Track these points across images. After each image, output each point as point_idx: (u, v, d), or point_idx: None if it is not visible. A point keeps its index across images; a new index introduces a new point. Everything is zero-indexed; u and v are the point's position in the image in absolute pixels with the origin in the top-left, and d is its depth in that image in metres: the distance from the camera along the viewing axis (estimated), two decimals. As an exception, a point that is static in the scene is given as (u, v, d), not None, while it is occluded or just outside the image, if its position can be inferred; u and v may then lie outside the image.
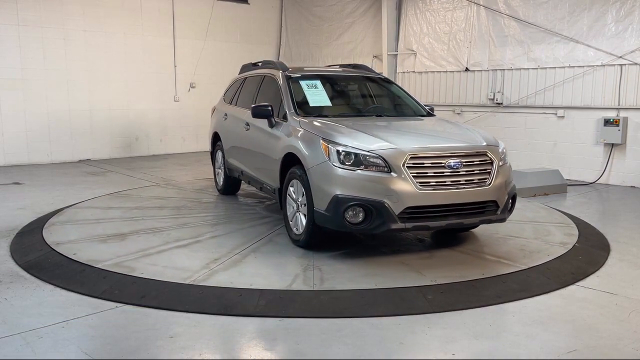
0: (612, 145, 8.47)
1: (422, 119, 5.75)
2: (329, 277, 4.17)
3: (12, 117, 9.92)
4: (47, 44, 10.19)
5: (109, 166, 10.06)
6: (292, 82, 5.69)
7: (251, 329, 3.38)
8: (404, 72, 11.36)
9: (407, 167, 4.29)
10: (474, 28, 10.04)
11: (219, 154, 7.30)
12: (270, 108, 5.36)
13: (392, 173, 4.27)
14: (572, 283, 4.17)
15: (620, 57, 8.27)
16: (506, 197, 4.65)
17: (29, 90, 10.06)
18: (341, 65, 7.02)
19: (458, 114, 10.27)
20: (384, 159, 4.30)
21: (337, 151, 4.40)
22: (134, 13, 11.24)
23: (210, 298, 3.78)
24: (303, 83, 5.72)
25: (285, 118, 5.29)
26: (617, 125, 8.28)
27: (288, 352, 3.09)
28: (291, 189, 4.95)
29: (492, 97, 9.84)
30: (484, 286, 4.05)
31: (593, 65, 8.59)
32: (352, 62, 11.90)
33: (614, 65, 8.37)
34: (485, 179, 4.52)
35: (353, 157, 4.35)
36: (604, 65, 8.48)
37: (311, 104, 5.48)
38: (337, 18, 12.46)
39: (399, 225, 4.28)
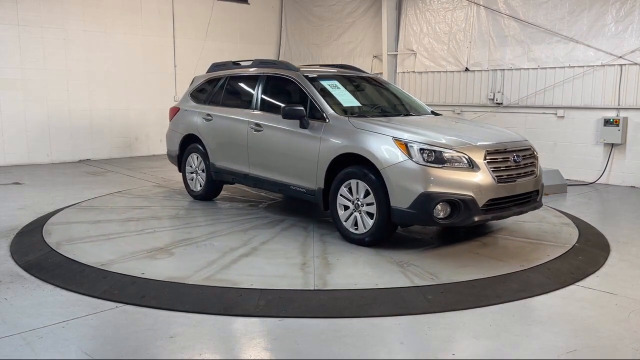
0: (612, 145, 8.48)
1: (438, 117, 6.06)
2: (436, 272, 4.29)
3: (12, 117, 9.92)
4: (47, 44, 10.19)
5: (109, 166, 10.06)
6: (313, 82, 5.67)
7: (251, 329, 3.38)
8: (404, 72, 11.36)
9: (486, 162, 4.61)
10: (473, 28, 10.04)
11: (194, 158, 6.93)
12: (303, 108, 5.33)
13: (474, 168, 4.54)
14: (572, 283, 4.17)
15: (620, 57, 8.27)
16: (542, 187, 5.24)
17: (29, 90, 10.06)
18: (322, 65, 6.95)
19: (458, 113, 10.27)
20: (467, 155, 4.56)
21: (421, 149, 4.55)
22: (134, 13, 11.25)
23: (210, 298, 3.78)
24: (325, 83, 5.73)
25: (321, 118, 5.28)
26: (617, 125, 8.28)
27: (288, 352, 3.09)
28: (344, 189, 4.98)
29: (492, 97, 9.84)
30: (484, 286, 4.05)
31: (593, 65, 8.59)
32: (352, 62, 12.02)
33: (614, 65, 8.37)
34: (534, 170, 5.05)
35: (435, 154, 4.53)
36: (603, 65, 8.48)
37: (344, 104, 5.53)
38: (337, 18, 12.46)
39: (482, 216, 4.61)
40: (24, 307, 3.64)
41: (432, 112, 6.21)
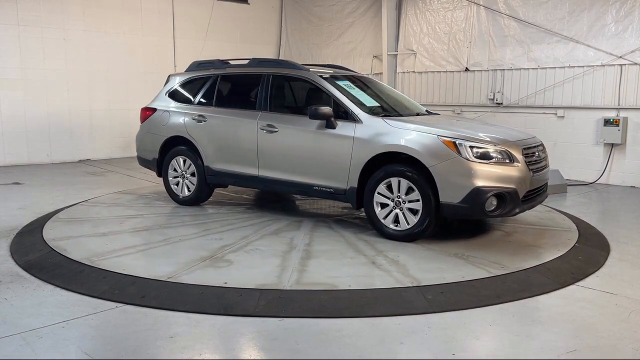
0: (612, 145, 8.48)
1: (439, 115, 6.40)
2: (498, 260, 4.57)
3: (12, 117, 9.92)
4: (47, 44, 10.19)
5: (109, 166, 10.06)
6: (330, 83, 5.69)
7: (251, 329, 3.38)
8: (404, 72, 11.36)
9: (524, 156, 4.99)
10: (474, 28, 10.04)
11: (179, 161, 6.59)
12: (331, 109, 5.37)
13: (514, 163, 4.89)
14: (572, 283, 4.17)
15: (620, 57, 8.27)
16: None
17: (29, 90, 10.06)
18: (310, 65, 6.94)
19: (458, 113, 10.26)
20: (508, 151, 4.91)
21: (470, 147, 4.81)
22: (134, 13, 11.25)
23: (210, 298, 3.78)
24: (340, 84, 5.77)
25: (349, 119, 5.35)
26: (617, 125, 8.29)
27: (288, 352, 3.09)
28: (383, 187, 5.12)
29: (492, 97, 9.84)
30: (484, 286, 4.05)
31: (593, 65, 8.59)
32: (352, 62, 12.04)
33: (614, 65, 8.37)
34: (546, 165, 5.48)
35: (483, 151, 4.84)
36: (604, 65, 8.48)
37: (367, 104, 5.61)
38: (337, 18, 12.46)
39: (521, 207, 5.00)
40: (24, 307, 3.64)
41: (427, 112, 6.29)
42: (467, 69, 10.20)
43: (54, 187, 7.89)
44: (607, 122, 8.39)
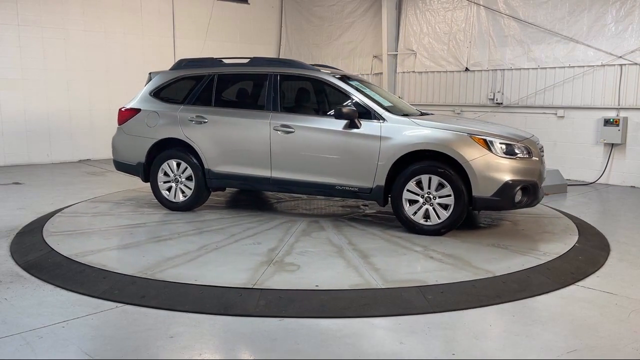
0: (612, 145, 8.48)
1: (435, 114, 6.61)
2: (535, 248, 4.92)
3: (12, 117, 9.93)
4: (47, 44, 10.20)
5: (109, 166, 10.00)
6: (345, 83, 5.75)
7: (251, 329, 3.37)
8: (403, 72, 11.36)
9: (540, 152, 5.40)
10: (474, 28, 10.04)
11: (172, 165, 6.22)
12: (356, 109, 5.45)
13: (533, 158, 5.25)
14: (572, 283, 4.17)
15: (620, 57, 8.27)
16: None
17: (29, 90, 10.06)
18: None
19: (458, 113, 10.27)
20: (529, 147, 5.26)
21: (500, 143, 5.13)
22: (134, 13, 11.25)
23: (210, 298, 3.78)
24: (353, 84, 5.83)
25: (373, 118, 5.43)
26: (617, 125, 8.29)
27: (288, 352, 3.09)
28: (412, 184, 5.28)
29: (492, 97, 9.84)
30: (484, 286, 4.05)
31: (593, 65, 8.59)
32: (352, 62, 12.05)
33: (614, 65, 8.37)
34: (545, 161, 5.74)
35: (510, 147, 5.16)
36: (603, 65, 8.49)
37: (384, 104, 5.71)
38: (337, 18, 12.46)
39: (539, 198, 5.37)
40: (24, 307, 3.64)
41: (420, 112, 6.37)
42: (467, 69, 10.20)
43: (54, 187, 7.89)
44: (607, 122, 8.39)
